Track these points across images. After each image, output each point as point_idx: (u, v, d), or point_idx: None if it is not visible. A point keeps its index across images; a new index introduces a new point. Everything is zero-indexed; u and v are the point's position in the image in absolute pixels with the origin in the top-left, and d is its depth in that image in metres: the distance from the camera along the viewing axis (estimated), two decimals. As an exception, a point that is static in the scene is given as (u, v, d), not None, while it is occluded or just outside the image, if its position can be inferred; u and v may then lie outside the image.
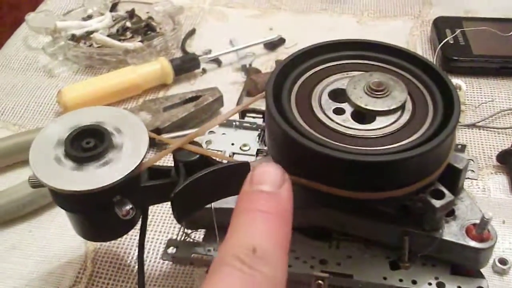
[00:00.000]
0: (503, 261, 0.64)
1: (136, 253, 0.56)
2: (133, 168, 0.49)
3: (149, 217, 0.58)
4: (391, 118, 0.52)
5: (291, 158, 0.51)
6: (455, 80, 0.89)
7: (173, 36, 0.98)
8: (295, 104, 0.54)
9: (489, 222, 0.53)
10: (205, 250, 0.59)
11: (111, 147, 0.51)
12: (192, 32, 1.04)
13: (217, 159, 0.53)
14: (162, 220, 0.70)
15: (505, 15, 1.04)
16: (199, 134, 0.55)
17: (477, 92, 0.89)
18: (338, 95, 0.55)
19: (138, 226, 0.55)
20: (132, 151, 0.50)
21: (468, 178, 0.64)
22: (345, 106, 0.54)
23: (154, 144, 0.76)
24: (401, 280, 0.55)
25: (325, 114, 0.53)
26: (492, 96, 0.88)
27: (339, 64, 0.59)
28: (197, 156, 0.52)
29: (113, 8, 1.07)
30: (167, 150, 0.53)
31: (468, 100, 0.87)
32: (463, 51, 0.93)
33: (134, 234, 0.64)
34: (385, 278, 0.55)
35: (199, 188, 0.51)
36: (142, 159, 0.50)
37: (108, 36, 0.99)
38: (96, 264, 0.66)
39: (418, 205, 0.52)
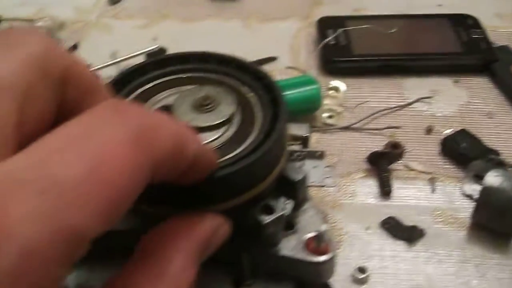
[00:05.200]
0: (361, 270, 0.63)
1: None
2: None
3: None
4: (216, 133, 0.50)
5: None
6: (335, 82, 0.88)
7: (51, 52, 0.95)
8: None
9: (324, 234, 0.52)
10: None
11: None
12: (74, 48, 1.01)
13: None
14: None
15: (395, 11, 1.03)
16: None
17: (357, 93, 0.88)
18: (166, 112, 0.53)
19: None
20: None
21: (325, 186, 0.63)
22: (170, 123, 0.51)
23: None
24: (242, 299, 0.53)
25: (148, 133, 0.50)
26: (371, 96, 0.87)
27: (170, 79, 0.56)
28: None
29: (-5, 26, 1.04)
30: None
31: (347, 101, 0.86)
32: (344, 51, 0.92)
33: None
34: (225, 299, 0.53)
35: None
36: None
37: (-15, 55, 0.95)
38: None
39: (250, 221, 0.50)
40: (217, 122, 0.51)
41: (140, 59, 0.93)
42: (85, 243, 0.27)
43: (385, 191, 0.71)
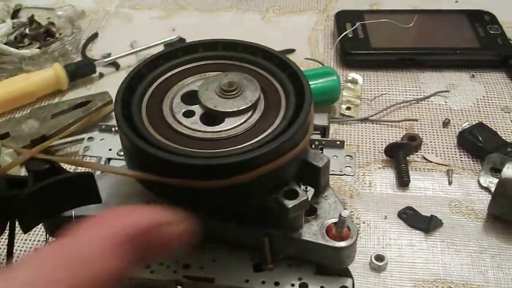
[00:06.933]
0: (379, 258, 0.63)
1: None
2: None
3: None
4: (241, 118, 0.51)
5: (135, 161, 0.51)
6: (353, 74, 0.89)
7: (71, 41, 0.97)
8: (146, 109, 0.52)
9: (346, 220, 0.52)
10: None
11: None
12: (94, 36, 1.03)
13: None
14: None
15: (412, 6, 1.04)
16: (51, 143, 0.54)
17: (374, 86, 0.89)
18: (191, 97, 0.54)
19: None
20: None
21: (345, 174, 0.64)
22: (196, 108, 0.52)
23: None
24: (263, 282, 0.54)
25: (174, 117, 0.52)
26: (388, 89, 0.88)
27: (196, 66, 0.57)
28: (46, 166, 0.51)
29: (15, 14, 1.05)
30: (17, 160, 0.52)
31: (365, 94, 0.87)
32: (362, 44, 0.93)
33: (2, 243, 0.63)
34: (247, 281, 0.54)
35: (43, 198, 0.49)
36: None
37: (6, 43, 0.97)
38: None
39: (273, 205, 0.51)
40: (242, 108, 0.52)
41: (160, 49, 0.94)
42: None
43: (403, 182, 0.72)
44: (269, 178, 0.48)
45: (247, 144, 0.49)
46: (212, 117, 0.52)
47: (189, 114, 0.52)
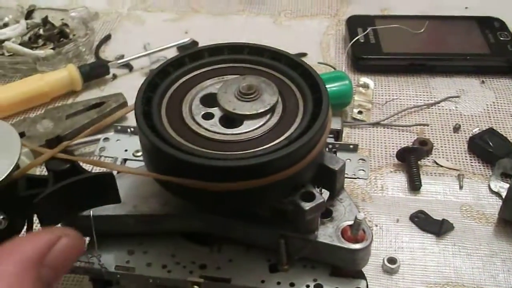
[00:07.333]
0: (392, 260, 0.64)
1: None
2: (2, 178, 0.48)
3: (35, 226, 0.57)
4: (259, 121, 0.52)
5: (156, 163, 0.51)
6: (364, 79, 0.90)
7: (85, 42, 0.98)
8: (165, 110, 0.53)
9: (362, 223, 0.53)
10: (87, 257, 0.58)
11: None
12: (107, 38, 1.04)
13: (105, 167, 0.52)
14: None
15: (422, 12, 1.05)
16: (71, 143, 0.55)
17: (385, 90, 0.89)
18: (210, 100, 0.54)
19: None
20: (3, 162, 0.49)
21: (358, 178, 0.64)
22: (215, 111, 0.53)
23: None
24: (279, 283, 0.55)
25: (193, 119, 0.52)
26: (399, 93, 0.88)
27: (215, 68, 0.58)
28: (67, 165, 0.51)
29: (29, 15, 1.06)
30: (38, 159, 0.52)
31: (376, 98, 0.88)
32: (373, 49, 0.94)
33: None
34: (263, 281, 0.55)
35: (63, 197, 0.50)
36: (12, 170, 0.49)
37: (20, 44, 0.98)
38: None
39: (289, 207, 0.52)
40: (261, 111, 0.52)
41: (173, 51, 0.95)
42: None
43: (415, 186, 0.73)
44: (287, 181, 0.49)
45: (267, 146, 0.49)
46: (230, 120, 0.53)
47: (208, 116, 0.53)
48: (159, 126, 0.51)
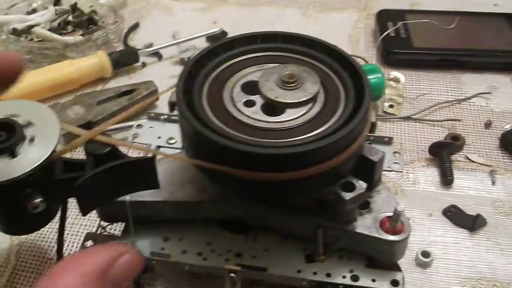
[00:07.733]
0: (425, 254, 0.64)
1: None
2: (41, 161, 0.48)
3: (70, 210, 0.57)
4: (301, 110, 0.52)
5: (198, 149, 0.51)
6: (394, 73, 0.90)
7: (114, 29, 0.98)
8: (207, 97, 0.53)
9: (401, 215, 0.53)
10: (122, 243, 0.58)
11: (22, 140, 0.49)
12: (135, 26, 1.04)
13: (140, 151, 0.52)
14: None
15: (450, 8, 1.04)
16: (109, 125, 0.54)
17: (416, 85, 0.89)
18: (251, 87, 0.54)
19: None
20: (43, 144, 0.49)
21: (393, 170, 0.64)
22: (256, 98, 0.53)
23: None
24: (315, 273, 0.55)
25: (235, 106, 0.52)
26: (430, 88, 0.88)
27: (256, 56, 0.58)
28: (107, 149, 0.51)
29: (58, 2, 1.06)
30: (76, 142, 0.52)
31: (406, 92, 0.87)
32: (404, 43, 0.93)
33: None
34: (299, 271, 0.55)
35: (103, 181, 0.50)
36: (52, 152, 0.49)
37: (49, 30, 0.98)
38: (19, 257, 0.65)
39: (329, 197, 0.52)
40: (303, 99, 0.52)
41: (202, 41, 0.95)
42: None
43: (447, 180, 0.72)
44: (332, 171, 0.49)
45: (312, 134, 0.49)
46: (272, 108, 0.52)
47: (250, 103, 0.53)
48: (202, 114, 0.51)
